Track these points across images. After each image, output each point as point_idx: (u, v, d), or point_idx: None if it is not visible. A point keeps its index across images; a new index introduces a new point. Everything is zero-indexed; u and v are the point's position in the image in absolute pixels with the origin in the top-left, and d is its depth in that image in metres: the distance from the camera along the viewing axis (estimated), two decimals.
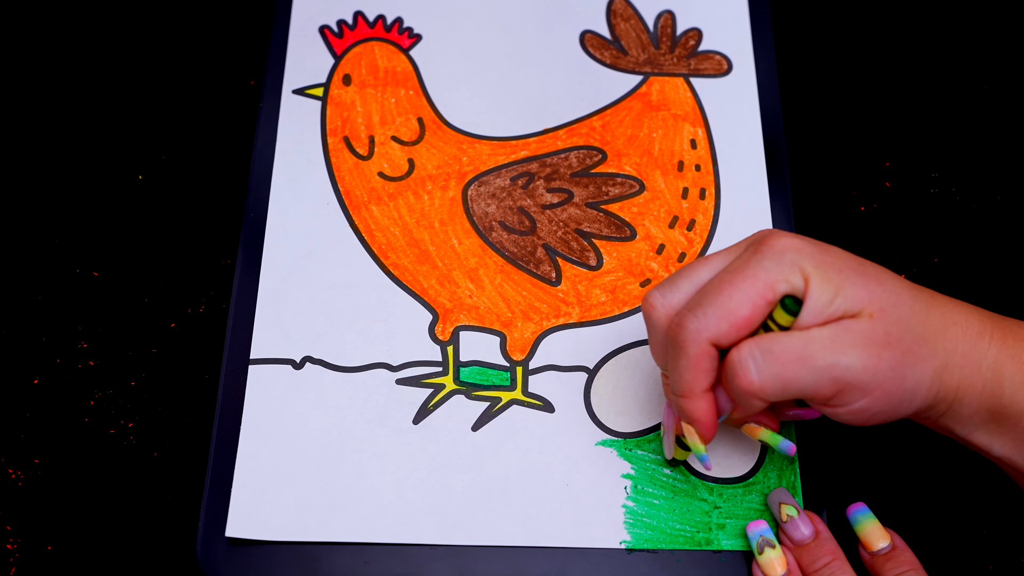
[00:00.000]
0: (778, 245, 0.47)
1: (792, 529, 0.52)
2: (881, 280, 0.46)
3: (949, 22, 0.70)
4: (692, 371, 0.47)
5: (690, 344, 0.47)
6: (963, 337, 0.47)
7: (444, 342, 0.58)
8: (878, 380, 0.45)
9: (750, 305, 0.46)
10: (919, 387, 0.46)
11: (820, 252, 0.47)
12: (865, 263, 0.47)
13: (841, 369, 0.45)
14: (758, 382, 0.45)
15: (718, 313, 0.46)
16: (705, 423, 0.49)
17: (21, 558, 0.55)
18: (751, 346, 0.46)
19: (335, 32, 0.67)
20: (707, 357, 0.47)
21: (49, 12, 0.70)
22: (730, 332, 0.46)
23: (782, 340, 0.45)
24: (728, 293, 0.46)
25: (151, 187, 0.65)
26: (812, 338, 0.45)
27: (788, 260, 0.46)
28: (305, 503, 0.54)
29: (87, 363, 0.60)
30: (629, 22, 0.68)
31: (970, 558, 0.55)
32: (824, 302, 0.45)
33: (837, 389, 0.45)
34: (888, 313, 0.45)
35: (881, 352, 0.45)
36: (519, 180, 0.62)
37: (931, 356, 0.46)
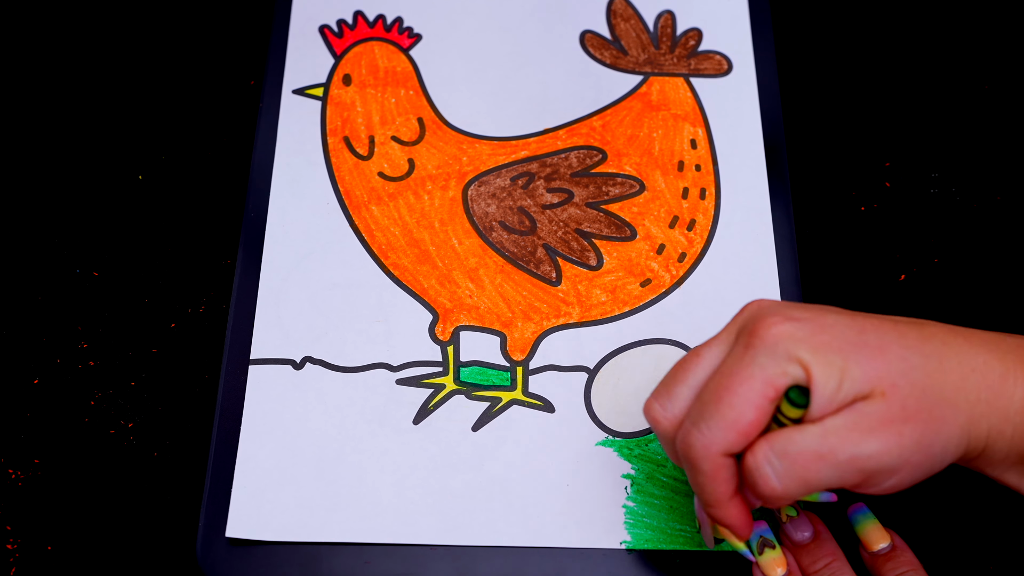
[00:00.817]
0: (769, 336, 0.44)
1: (792, 530, 0.52)
2: (885, 349, 0.43)
3: (949, 22, 0.70)
4: (711, 484, 0.45)
5: (703, 461, 0.44)
6: (984, 384, 0.44)
7: (444, 342, 0.58)
8: (904, 458, 0.43)
9: (753, 409, 0.43)
10: (948, 448, 0.44)
11: (815, 333, 0.44)
12: (865, 331, 0.44)
13: (864, 459, 0.42)
14: (780, 488, 0.43)
15: (723, 424, 0.43)
16: (739, 526, 0.47)
17: (21, 558, 0.55)
18: (766, 451, 0.43)
19: (335, 32, 0.67)
20: (723, 468, 0.45)
21: (49, 12, 0.70)
22: (739, 440, 0.44)
23: (797, 439, 0.43)
24: (728, 401, 0.43)
25: (151, 187, 0.65)
26: (828, 431, 0.43)
27: (782, 352, 0.43)
28: (305, 503, 0.54)
29: (87, 363, 0.60)
30: (629, 22, 0.68)
31: (970, 558, 0.55)
32: (832, 389, 0.43)
33: (863, 477, 0.43)
34: (900, 386, 0.43)
35: (902, 430, 0.42)
36: (519, 180, 0.62)
37: (955, 415, 0.43)
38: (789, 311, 0.45)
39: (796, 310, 0.45)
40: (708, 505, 0.46)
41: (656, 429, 0.47)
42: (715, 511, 0.46)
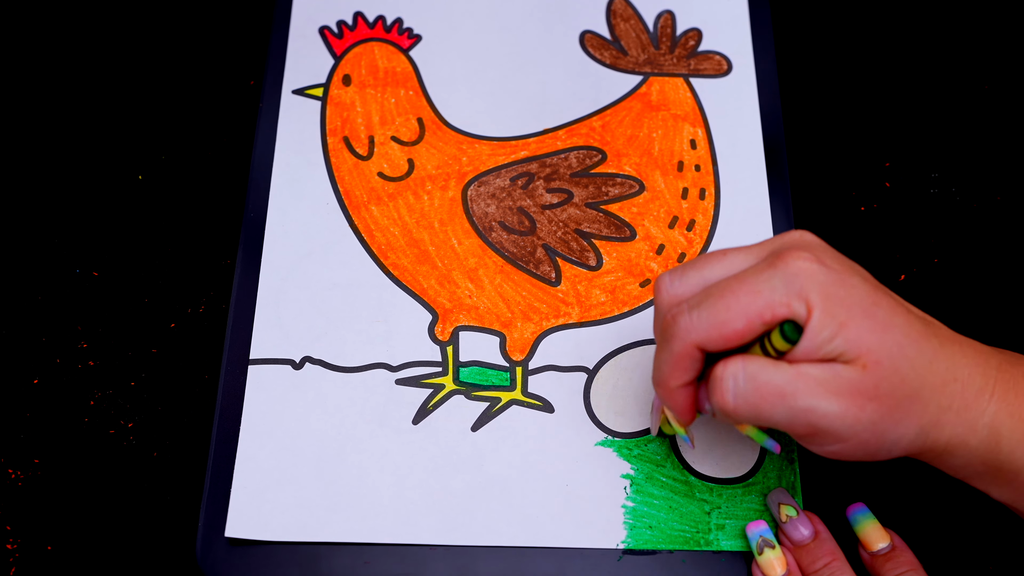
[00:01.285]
0: (794, 266, 0.44)
1: (792, 529, 0.52)
2: (889, 327, 0.44)
3: (949, 22, 0.70)
4: (670, 365, 0.47)
5: (676, 341, 0.46)
6: (960, 395, 0.45)
7: (444, 342, 0.58)
8: (855, 431, 0.44)
9: (744, 320, 0.44)
10: (900, 440, 0.45)
11: (834, 284, 0.44)
12: (880, 302, 0.45)
13: (818, 415, 0.44)
14: (732, 404, 0.45)
15: (711, 320, 0.45)
16: (680, 411, 0.49)
17: (21, 558, 0.55)
18: (737, 367, 0.45)
19: (335, 32, 0.67)
20: (689, 357, 0.46)
21: (49, 12, 0.70)
22: (719, 341, 0.45)
23: (768, 369, 0.44)
24: (727, 303, 0.45)
25: (151, 187, 0.65)
26: (800, 374, 0.44)
27: (797, 285, 0.44)
28: (305, 503, 0.54)
29: (87, 363, 0.60)
30: (629, 22, 0.68)
31: (970, 558, 0.55)
32: (823, 339, 0.43)
33: (811, 431, 0.45)
34: (884, 366, 0.44)
35: (865, 404, 0.44)
36: (519, 180, 0.62)
37: (921, 412, 0.45)
38: (823, 254, 0.46)
39: (829, 258, 0.46)
40: (658, 383, 0.48)
41: (656, 299, 0.48)
42: (663, 391, 0.48)
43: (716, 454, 0.55)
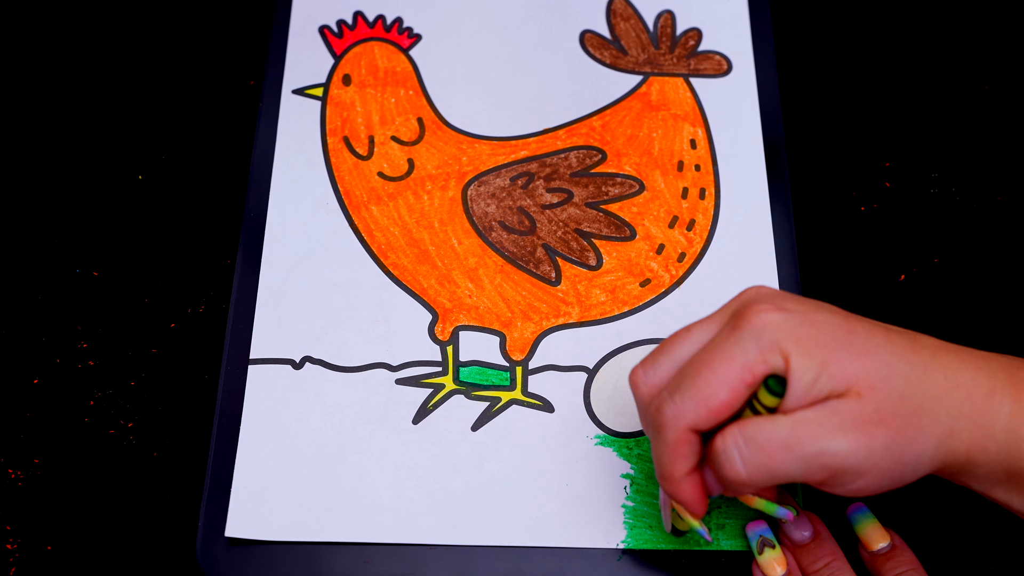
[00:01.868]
0: (757, 322, 0.44)
1: (792, 529, 0.52)
2: (870, 351, 0.44)
3: (949, 22, 0.70)
4: (670, 456, 0.46)
5: (668, 430, 0.45)
6: (969, 400, 0.44)
7: (444, 342, 0.58)
8: (872, 460, 0.43)
9: (728, 390, 0.44)
10: (921, 459, 0.44)
11: (803, 326, 0.44)
12: (854, 331, 0.44)
13: (830, 456, 0.43)
14: (744, 473, 0.44)
15: (696, 399, 0.44)
16: (691, 503, 0.47)
17: (21, 558, 0.55)
18: (735, 435, 0.44)
19: (335, 32, 0.67)
20: (686, 442, 0.45)
21: (49, 12, 0.70)
22: (709, 418, 0.44)
23: (766, 427, 0.43)
24: (705, 377, 0.44)
25: (151, 187, 0.65)
26: (797, 423, 0.43)
27: (767, 339, 0.44)
28: (305, 503, 0.54)
29: (87, 363, 0.60)
30: (629, 22, 0.68)
31: (970, 558, 0.55)
32: (807, 383, 0.43)
33: (829, 474, 0.43)
34: (878, 389, 0.43)
35: (873, 432, 0.43)
36: (519, 180, 0.63)
37: (933, 425, 0.43)
38: (783, 302, 0.45)
39: (790, 302, 0.45)
40: (663, 478, 0.47)
41: (635, 394, 0.48)
42: (669, 484, 0.47)
43: None
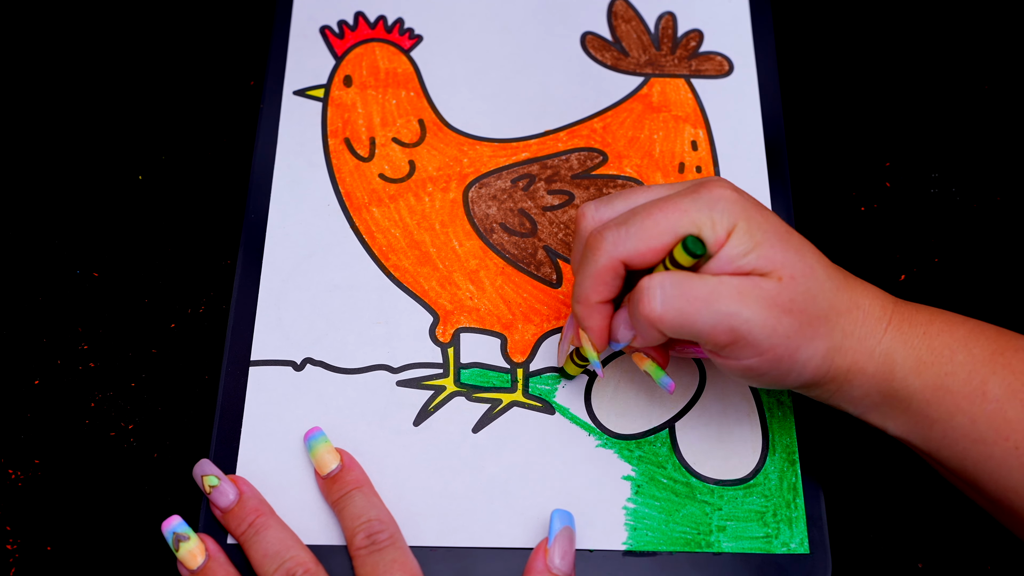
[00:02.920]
0: (717, 192, 0.48)
1: (218, 497, 0.53)
2: (801, 251, 0.48)
3: (949, 22, 0.70)
4: (594, 279, 0.49)
5: (602, 254, 0.48)
6: (862, 321, 0.48)
7: (445, 344, 0.58)
8: (772, 342, 0.46)
9: (672, 235, 0.47)
10: (810, 362, 0.47)
11: (754, 209, 0.48)
12: (793, 233, 0.48)
13: (741, 320, 0.46)
14: (659, 311, 0.46)
15: (640, 235, 0.47)
16: (596, 332, 0.50)
17: (21, 558, 0.55)
18: (664, 277, 0.47)
19: (336, 33, 0.67)
20: (612, 272, 0.48)
21: (49, 12, 0.70)
22: (645, 255, 0.47)
23: (695, 279, 0.46)
24: (655, 218, 0.47)
25: (151, 187, 0.65)
26: (721, 283, 0.46)
27: (720, 208, 0.47)
28: (305, 505, 0.54)
29: (87, 364, 0.60)
30: (630, 23, 0.68)
31: (970, 558, 0.55)
32: (740, 252, 0.46)
33: (732, 339, 0.46)
34: (798, 282, 0.47)
35: (781, 316, 0.46)
36: (520, 182, 0.62)
37: (827, 335, 0.47)
38: (740, 189, 0.49)
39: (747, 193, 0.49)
40: (580, 301, 0.50)
41: (579, 224, 0.51)
42: (584, 308, 0.50)
43: (717, 456, 0.55)
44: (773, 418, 0.56)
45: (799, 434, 0.56)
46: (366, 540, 0.51)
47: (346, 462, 0.54)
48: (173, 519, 0.53)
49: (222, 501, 0.53)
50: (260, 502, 0.53)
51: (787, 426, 0.56)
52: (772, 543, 0.53)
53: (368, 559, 0.51)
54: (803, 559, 0.53)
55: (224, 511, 0.53)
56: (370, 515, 0.52)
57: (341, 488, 0.53)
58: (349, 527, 0.52)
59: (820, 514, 0.54)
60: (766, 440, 0.56)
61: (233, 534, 0.53)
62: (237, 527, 0.52)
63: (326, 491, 0.54)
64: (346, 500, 0.53)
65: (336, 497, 0.53)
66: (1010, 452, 0.47)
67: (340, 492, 0.53)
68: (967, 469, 0.48)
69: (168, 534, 0.52)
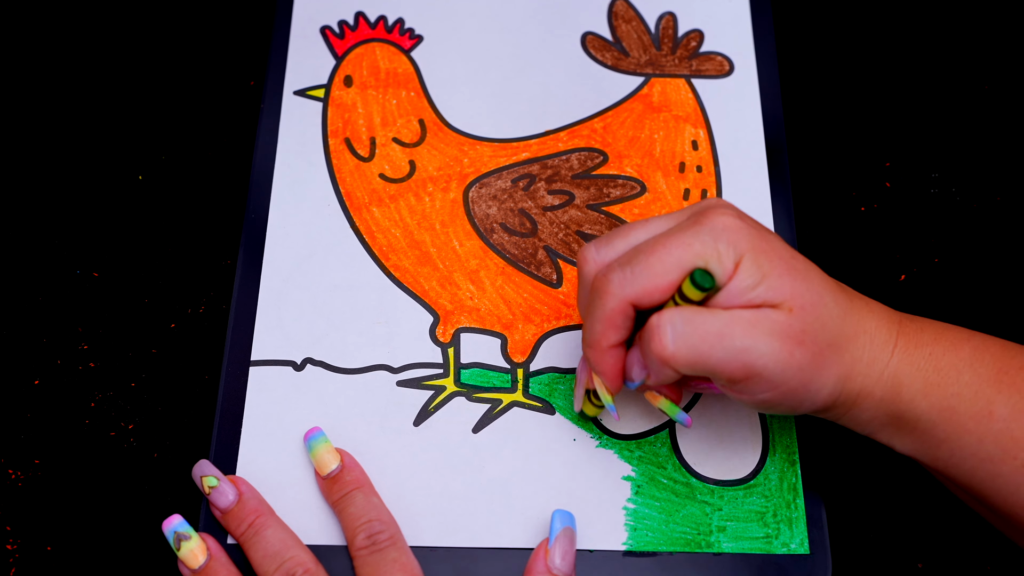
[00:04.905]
0: (719, 222, 0.47)
1: (217, 497, 0.53)
2: (808, 278, 0.47)
3: (949, 22, 0.70)
4: (604, 323, 0.48)
5: (610, 298, 0.47)
6: (870, 346, 0.48)
7: (445, 344, 0.58)
8: (786, 376, 0.46)
9: (678, 272, 0.46)
10: (822, 390, 0.47)
11: (758, 237, 0.47)
12: (797, 258, 0.48)
13: (755, 355, 0.45)
14: (671, 349, 0.46)
15: (646, 274, 0.46)
16: (610, 376, 0.50)
17: (21, 558, 0.55)
18: (674, 314, 0.46)
19: (336, 33, 0.67)
20: (622, 314, 0.47)
21: (49, 12, 0.70)
22: (653, 294, 0.47)
23: (706, 315, 0.46)
24: (660, 256, 0.46)
25: (151, 187, 0.65)
26: (733, 317, 0.46)
27: (726, 239, 0.46)
28: (305, 505, 0.54)
29: (87, 364, 0.60)
30: (630, 23, 0.68)
31: (969, 558, 0.55)
32: (749, 285, 0.46)
33: (746, 375, 0.46)
34: (808, 312, 0.46)
35: (794, 349, 0.46)
36: (520, 182, 0.62)
37: (838, 363, 0.47)
38: (741, 213, 0.48)
39: (747, 216, 0.49)
40: (591, 346, 0.49)
41: (581, 268, 0.50)
42: (596, 353, 0.49)
43: (718, 456, 0.55)
44: (773, 418, 0.56)
45: (799, 434, 0.56)
46: (367, 540, 0.51)
47: (346, 462, 0.54)
48: (174, 518, 0.53)
49: (221, 502, 0.53)
50: (260, 502, 0.53)
51: (787, 426, 0.56)
52: (772, 543, 0.53)
53: (369, 559, 0.51)
54: (803, 559, 0.53)
55: (224, 512, 0.53)
56: (370, 515, 0.52)
57: (341, 488, 0.53)
58: (350, 527, 0.52)
59: (820, 514, 0.54)
60: (766, 440, 0.56)
61: (233, 534, 0.53)
62: (237, 527, 0.52)
63: (326, 491, 0.54)
64: (346, 500, 0.53)
65: (336, 497, 0.53)
66: (1018, 470, 0.46)
67: (340, 492, 0.53)
68: (975, 487, 0.48)
69: (169, 533, 0.52)
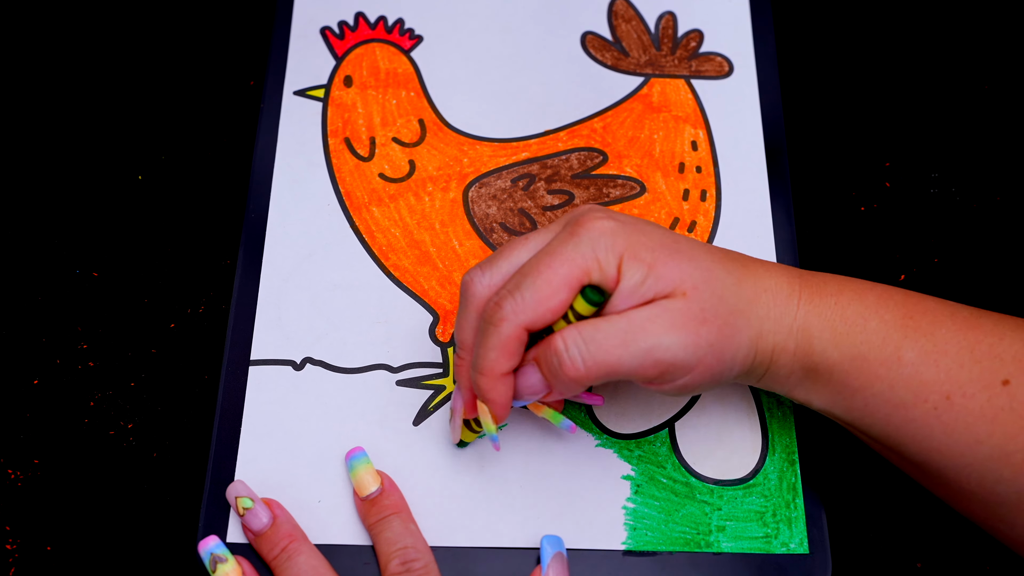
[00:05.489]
0: (594, 228, 0.47)
1: (251, 520, 0.52)
2: (694, 257, 0.47)
3: (949, 22, 0.70)
4: (498, 351, 0.47)
5: (505, 324, 0.47)
6: (774, 303, 0.48)
7: (445, 343, 0.58)
8: (698, 356, 0.46)
9: (566, 290, 0.46)
10: (737, 357, 0.48)
11: (634, 232, 0.47)
12: (679, 240, 0.48)
13: (662, 350, 0.46)
14: (583, 369, 0.46)
15: (536, 297, 0.46)
16: (500, 404, 0.49)
17: (21, 558, 0.55)
18: (574, 334, 0.46)
19: (336, 33, 0.67)
20: (516, 340, 0.47)
21: (49, 12, 0.70)
22: (545, 316, 0.47)
23: (603, 326, 0.46)
24: (546, 277, 0.46)
25: (151, 187, 0.65)
26: (631, 320, 0.46)
27: (603, 244, 0.46)
28: (305, 504, 0.54)
29: (87, 364, 0.60)
30: (630, 23, 0.68)
31: (967, 558, 0.55)
32: (636, 283, 0.46)
33: (660, 371, 0.46)
34: (701, 290, 0.46)
35: (699, 329, 0.46)
36: (520, 182, 0.62)
37: (746, 327, 0.48)
38: (612, 213, 0.49)
39: (619, 214, 0.49)
40: (482, 373, 0.48)
41: (468, 295, 0.50)
42: (488, 382, 0.48)
43: (717, 456, 0.55)
44: (773, 418, 0.56)
45: (799, 434, 0.56)
46: (401, 567, 0.51)
47: (386, 486, 0.53)
48: (210, 540, 0.52)
49: (255, 524, 0.52)
50: (293, 527, 0.53)
51: (787, 426, 0.56)
52: (772, 543, 0.53)
53: None
54: (803, 559, 0.53)
55: (257, 534, 0.52)
56: (406, 542, 0.52)
57: (379, 512, 0.53)
58: (384, 552, 0.52)
59: (820, 514, 0.54)
60: (766, 440, 0.56)
61: (265, 558, 0.52)
62: (269, 551, 0.52)
63: (363, 513, 0.53)
64: (383, 524, 0.52)
65: (373, 520, 0.53)
66: (929, 413, 0.47)
67: (378, 516, 0.53)
68: (890, 435, 0.48)
69: (205, 555, 0.52)
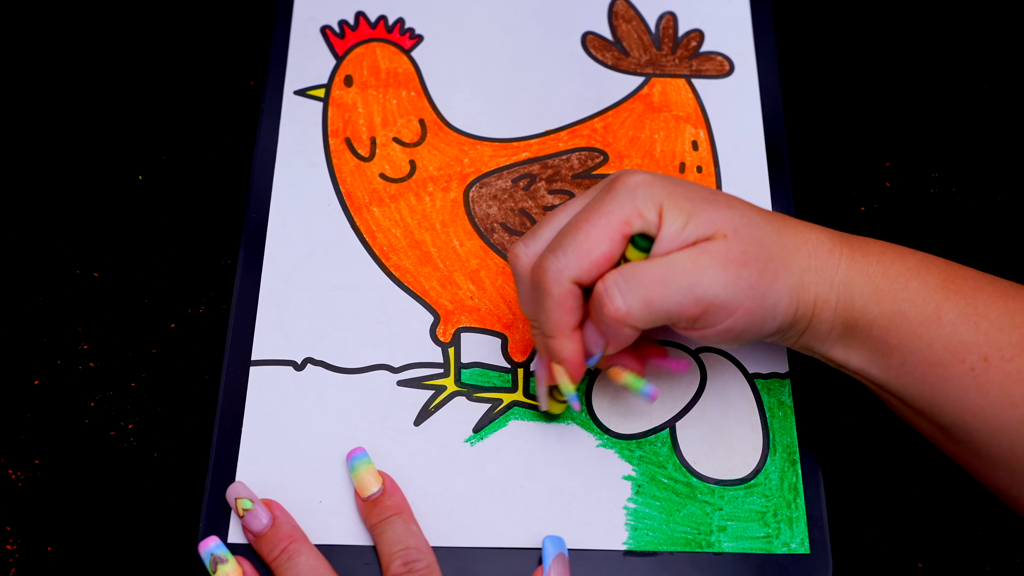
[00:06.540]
0: (631, 182, 0.48)
1: (251, 521, 0.52)
2: (732, 205, 0.49)
3: (949, 22, 0.70)
4: (558, 311, 0.48)
5: (553, 284, 0.48)
6: (815, 255, 0.49)
7: (445, 344, 0.58)
8: (740, 298, 0.47)
9: (608, 241, 0.47)
10: (779, 303, 0.48)
11: (671, 184, 0.48)
12: (717, 193, 0.49)
13: (703, 288, 0.46)
14: (624, 307, 0.47)
15: (578, 252, 0.47)
16: (574, 362, 0.50)
17: (21, 558, 0.55)
18: (614, 275, 0.47)
19: (336, 33, 0.67)
20: (571, 296, 0.48)
21: (49, 12, 0.70)
22: (591, 269, 0.47)
23: (644, 266, 0.47)
24: (586, 231, 0.48)
25: (151, 187, 0.65)
26: (672, 260, 0.47)
27: (641, 195, 0.48)
28: (306, 504, 0.54)
29: (87, 364, 0.59)
30: (631, 23, 0.68)
31: (967, 558, 0.55)
32: (677, 228, 0.47)
33: (701, 309, 0.47)
34: (741, 233, 0.47)
35: (739, 271, 0.47)
36: (520, 182, 0.62)
37: (787, 273, 0.48)
38: (648, 172, 0.50)
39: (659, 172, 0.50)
40: (551, 335, 0.49)
41: (516, 268, 0.51)
42: (556, 342, 0.49)
43: (718, 456, 0.55)
44: (773, 418, 0.56)
45: (800, 434, 0.56)
46: (402, 568, 0.51)
47: (387, 486, 0.53)
48: (211, 540, 0.52)
49: (255, 525, 0.52)
50: (293, 527, 0.53)
51: (787, 426, 0.56)
52: (773, 543, 0.53)
53: None
54: (804, 559, 0.53)
55: (257, 535, 0.52)
56: (408, 543, 0.52)
57: (381, 513, 0.53)
58: (386, 552, 0.52)
59: (821, 514, 0.54)
60: (767, 440, 0.56)
61: (265, 559, 0.52)
62: (270, 552, 0.52)
63: (365, 514, 0.53)
64: (385, 525, 0.52)
65: (375, 521, 0.53)
66: (966, 373, 0.47)
67: (379, 516, 0.53)
68: (925, 395, 0.49)
69: (206, 555, 0.52)
